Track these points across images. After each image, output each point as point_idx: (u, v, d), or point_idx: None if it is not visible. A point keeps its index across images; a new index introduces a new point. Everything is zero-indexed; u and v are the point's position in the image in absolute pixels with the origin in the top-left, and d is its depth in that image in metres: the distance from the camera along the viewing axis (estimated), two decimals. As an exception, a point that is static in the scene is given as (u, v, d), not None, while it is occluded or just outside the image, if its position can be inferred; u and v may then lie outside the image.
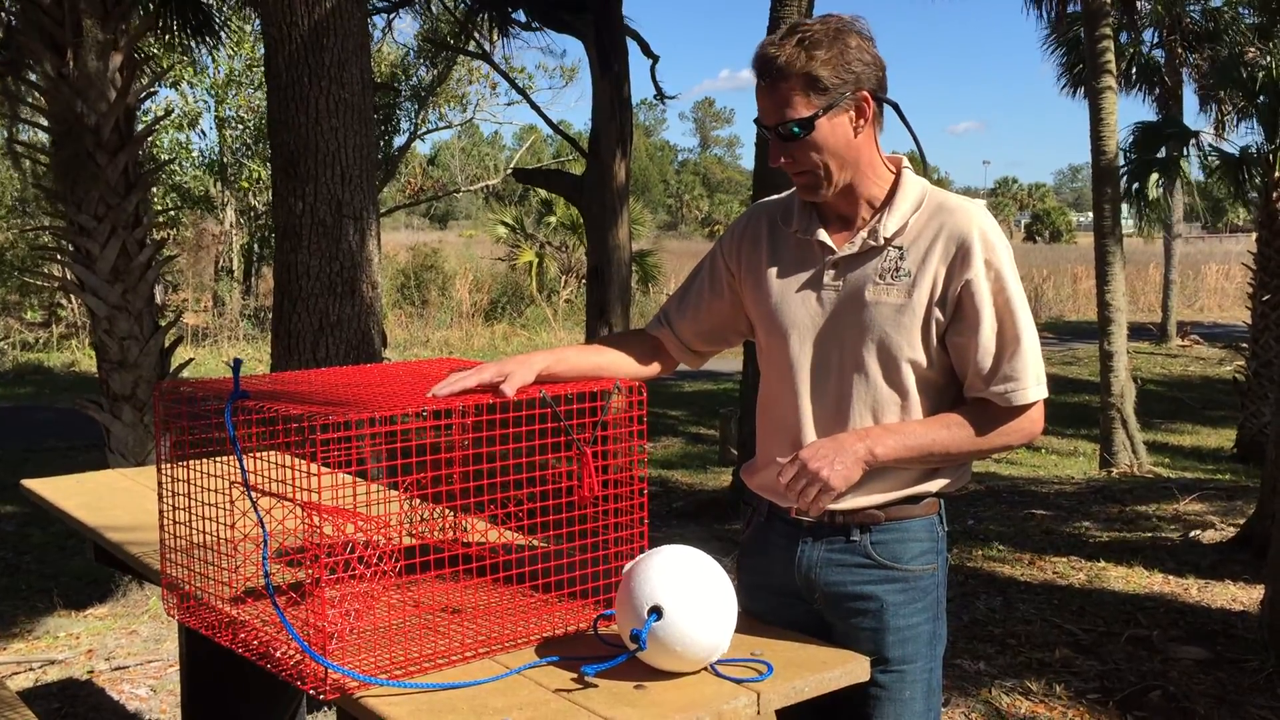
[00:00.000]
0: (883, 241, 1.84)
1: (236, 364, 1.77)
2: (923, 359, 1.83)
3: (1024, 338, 1.81)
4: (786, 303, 1.91)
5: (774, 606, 1.97)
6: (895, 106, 1.87)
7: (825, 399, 1.88)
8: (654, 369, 2.09)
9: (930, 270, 1.81)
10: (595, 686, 1.63)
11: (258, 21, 12.41)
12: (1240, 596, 4.92)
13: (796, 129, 1.78)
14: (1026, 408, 1.83)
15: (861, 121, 1.80)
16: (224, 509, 1.79)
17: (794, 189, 1.97)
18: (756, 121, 1.84)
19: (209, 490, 1.79)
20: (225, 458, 1.80)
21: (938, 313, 1.82)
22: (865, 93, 1.79)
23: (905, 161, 1.91)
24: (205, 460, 1.82)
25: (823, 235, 1.89)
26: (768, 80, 1.78)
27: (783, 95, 1.77)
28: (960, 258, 1.80)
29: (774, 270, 1.93)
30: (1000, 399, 1.82)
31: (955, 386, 1.88)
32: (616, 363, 2.02)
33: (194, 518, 1.83)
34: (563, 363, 1.93)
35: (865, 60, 1.78)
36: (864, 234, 1.86)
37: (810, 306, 1.89)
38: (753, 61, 1.81)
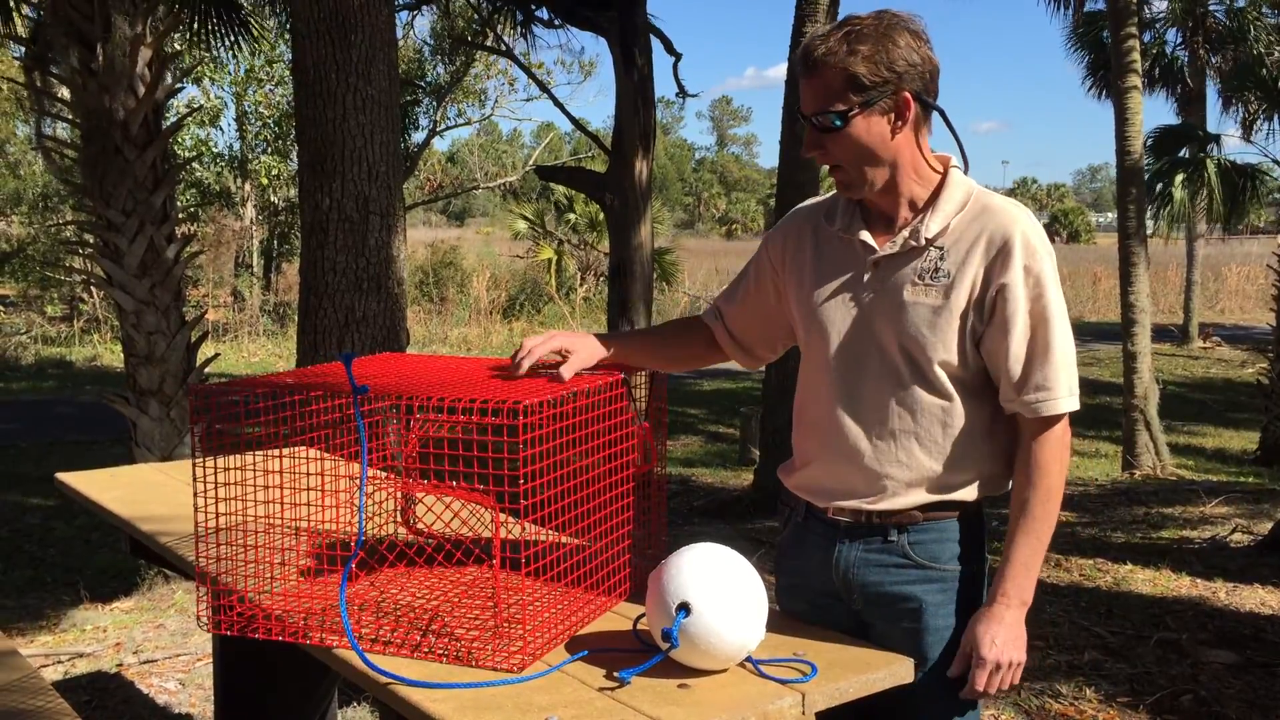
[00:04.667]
0: (924, 242, 1.82)
1: (347, 358, 1.73)
2: (956, 361, 1.81)
3: (1055, 347, 1.79)
4: (828, 302, 1.89)
5: (812, 607, 1.96)
6: (941, 112, 1.83)
7: (861, 399, 1.86)
8: (711, 359, 2.18)
9: (970, 272, 1.79)
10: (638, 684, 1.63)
11: (278, 18, 12.43)
12: (1269, 600, 4.89)
13: (830, 123, 1.77)
14: (1056, 419, 1.80)
15: (900, 123, 1.78)
16: (298, 505, 1.79)
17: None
18: (799, 112, 1.83)
19: (273, 487, 1.79)
20: (264, 450, 1.80)
21: (974, 315, 1.80)
22: (907, 94, 1.76)
23: (954, 161, 1.88)
24: (249, 454, 1.82)
25: (865, 235, 1.87)
26: (807, 72, 1.78)
27: (821, 88, 1.77)
28: (999, 260, 1.77)
29: (817, 269, 1.92)
30: (1029, 410, 1.79)
31: (994, 389, 1.85)
32: (682, 355, 2.17)
33: (254, 517, 1.83)
34: (628, 356, 2.06)
35: (912, 60, 1.75)
36: (905, 234, 1.84)
37: (849, 306, 1.87)
38: (799, 53, 1.81)
